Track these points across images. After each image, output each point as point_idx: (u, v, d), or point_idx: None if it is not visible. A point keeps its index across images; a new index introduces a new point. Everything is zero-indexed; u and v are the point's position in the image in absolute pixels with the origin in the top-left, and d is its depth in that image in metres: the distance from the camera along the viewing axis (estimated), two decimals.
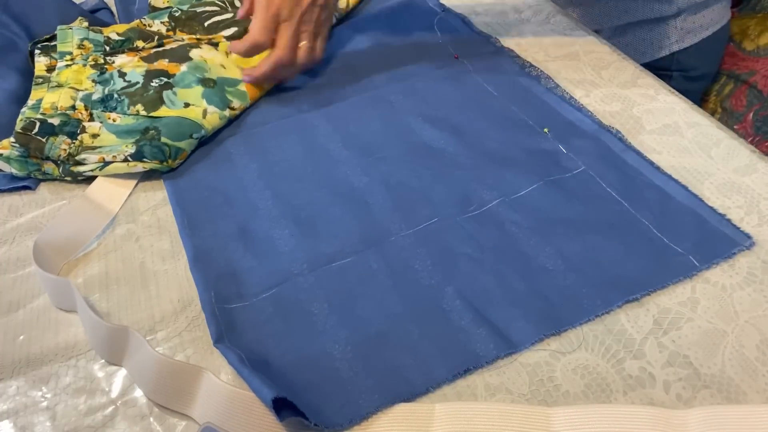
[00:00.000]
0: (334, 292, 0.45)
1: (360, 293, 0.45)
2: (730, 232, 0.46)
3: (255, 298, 0.45)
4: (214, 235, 0.50)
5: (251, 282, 0.46)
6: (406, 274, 0.46)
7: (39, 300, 0.48)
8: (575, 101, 0.60)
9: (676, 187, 0.49)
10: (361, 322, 0.43)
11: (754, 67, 0.91)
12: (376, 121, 0.60)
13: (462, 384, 0.39)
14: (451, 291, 0.44)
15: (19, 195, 0.57)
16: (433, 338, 0.41)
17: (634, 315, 0.42)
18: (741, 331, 0.40)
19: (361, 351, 0.41)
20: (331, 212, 0.51)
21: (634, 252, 0.45)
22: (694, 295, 0.42)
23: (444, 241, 0.48)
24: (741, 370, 0.38)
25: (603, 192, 0.50)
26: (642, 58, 0.86)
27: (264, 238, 0.50)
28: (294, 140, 0.59)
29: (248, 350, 0.41)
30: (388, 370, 0.40)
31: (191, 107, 0.59)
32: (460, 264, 0.46)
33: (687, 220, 0.47)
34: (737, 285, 0.43)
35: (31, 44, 0.66)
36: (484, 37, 0.71)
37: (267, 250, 0.49)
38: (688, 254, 0.44)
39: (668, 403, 0.37)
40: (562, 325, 0.41)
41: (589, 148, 0.54)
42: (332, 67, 0.69)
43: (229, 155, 0.58)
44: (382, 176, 0.54)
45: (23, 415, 0.40)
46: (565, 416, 0.36)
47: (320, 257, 0.47)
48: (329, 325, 0.43)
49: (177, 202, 0.54)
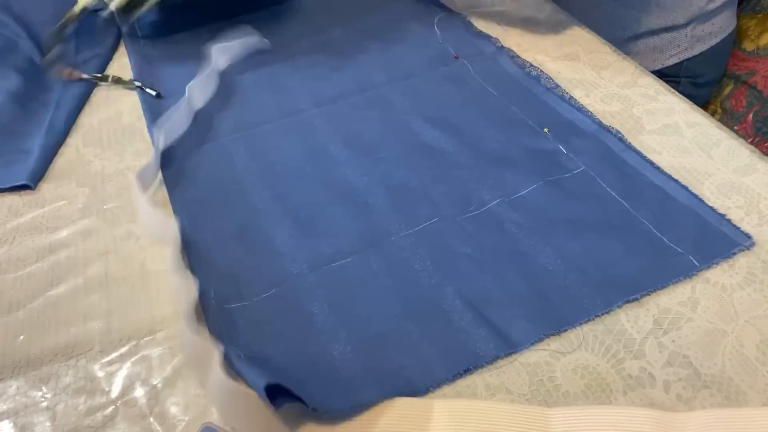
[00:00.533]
0: (333, 292, 0.45)
1: (360, 293, 0.45)
2: (729, 232, 0.46)
3: (255, 298, 0.45)
4: (214, 235, 0.50)
5: (251, 282, 0.46)
6: (405, 274, 0.46)
7: (39, 300, 0.48)
8: (575, 101, 0.60)
9: (676, 187, 0.49)
10: (361, 321, 0.43)
11: (754, 67, 0.91)
12: (377, 122, 0.60)
13: (462, 384, 0.39)
14: (451, 291, 0.44)
15: (19, 195, 0.57)
16: (433, 338, 0.41)
17: (634, 315, 0.42)
18: (741, 330, 0.40)
19: (360, 351, 0.41)
20: (331, 212, 0.51)
21: (634, 252, 0.45)
22: (694, 295, 0.42)
23: (444, 241, 0.48)
24: (741, 370, 0.38)
25: (603, 192, 0.50)
26: (652, 66, 0.86)
27: (264, 238, 0.50)
28: (294, 140, 0.59)
29: (248, 349, 0.41)
30: (388, 370, 0.40)
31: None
32: (460, 264, 0.46)
33: (687, 220, 0.47)
34: (737, 285, 0.43)
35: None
36: (484, 37, 0.71)
37: (267, 251, 0.49)
38: (688, 254, 0.44)
39: (668, 403, 0.37)
40: (562, 325, 0.41)
41: (589, 148, 0.54)
42: (332, 67, 0.69)
43: (229, 156, 0.58)
44: (382, 176, 0.54)
45: (23, 415, 0.40)
46: (563, 417, 0.36)
47: (320, 257, 0.47)
48: (329, 325, 0.43)
49: (177, 202, 0.54)
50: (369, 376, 0.40)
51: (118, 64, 0.74)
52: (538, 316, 0.42)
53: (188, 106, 0.62)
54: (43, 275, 0.49)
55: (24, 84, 0.66)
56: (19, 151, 0.61)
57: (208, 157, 0.58)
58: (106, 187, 0.57)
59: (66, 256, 0.51)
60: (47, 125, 0.63)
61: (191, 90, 0.63)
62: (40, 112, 0.65)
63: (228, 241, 0.50)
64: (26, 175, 0.58)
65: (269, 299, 0.45)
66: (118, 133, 0.63)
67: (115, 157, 0.60)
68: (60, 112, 0.65)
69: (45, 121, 0.64)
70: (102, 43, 0.75)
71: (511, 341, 0.41)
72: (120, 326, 0.45)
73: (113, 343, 0.44)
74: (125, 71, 0.73)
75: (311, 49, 0.72)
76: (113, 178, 0.58)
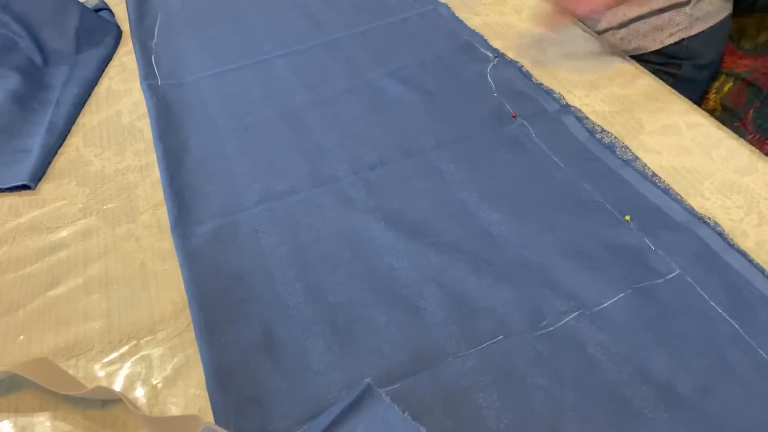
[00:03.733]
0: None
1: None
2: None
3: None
4: (236, 344, 0.42)
5: (279, 411, 0.38)
6: (467, 409, 0.37)
7: (39, 300, 0.48)
8: (659, 180, 0.50)
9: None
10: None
11: (752, 65, 0.91)
12: (425, 196, 0.51)
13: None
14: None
15: (19, 195, 0.57)
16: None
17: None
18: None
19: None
20: (374, 318, 0.42)
21: (754, 398, 0.35)
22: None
23: (512, 368, 0.39)
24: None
25: (706, 307, 0.41)
26: (653, 45, 0.88)
27: (294, 349, 0.41)
28: (330, 217, 0.50)
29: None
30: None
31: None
32: (534, 400, 0.37)
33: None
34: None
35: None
36: (545, 91, 0.60)
37: (298, 368, 0.40)
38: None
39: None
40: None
41: (682, 246, 0.45)
42: (371, 122, 0.59)
43: (254, 232, 0.49)
44: (434, 271, 0.45)
45: (23, 415, 0.40)
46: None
47: (362, 378, 0.37)
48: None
49: (192, 293, 0.45)
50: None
51: (118, 63, 0.74)
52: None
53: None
54: (43, 275, 0.49)
55: (24, 84, 0.66)
56: (19, 151, 0.61)
57: (230, 231, 0.50)
58: (106, 186, 0.57)
59: (66, 256, 0.51)
60: (47, 125, 0.63)
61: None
62: (40, 111, 0.65)
63: (252, 353, 0.41)
64: (26, 175, 0.58)
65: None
66: (118, 133, 0.63)
67: (115, 157, 0.60)
68: (60, 112, 0.65)
69: (45, 121, 0.64)
70: (102, 43, 0.75)
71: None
72: (120, 326, 0.45)
73: (113, 343, 0.44)
74: (125, 71, 0.73)
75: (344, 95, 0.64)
76: (113, 178, 0.58)
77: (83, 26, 0.74)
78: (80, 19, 0.74)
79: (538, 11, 0.62)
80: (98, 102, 0.68)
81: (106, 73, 0.73)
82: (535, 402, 0.37)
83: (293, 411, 0.38)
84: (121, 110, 0.66)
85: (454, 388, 0.38)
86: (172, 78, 0.69)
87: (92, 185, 0.57)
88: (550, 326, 0.41)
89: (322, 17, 0.77)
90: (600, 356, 0.39)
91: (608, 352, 0.39)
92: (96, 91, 0.70)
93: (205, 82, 0.68)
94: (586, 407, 0.36)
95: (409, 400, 0.37)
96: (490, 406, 0.37)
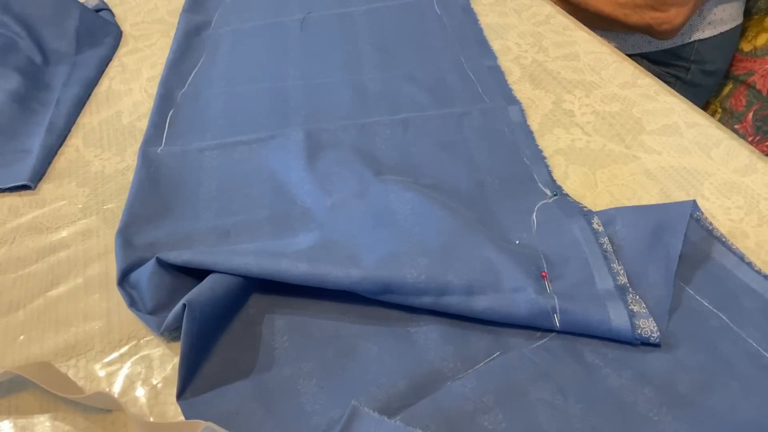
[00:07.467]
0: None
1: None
2: None
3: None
4: (223, 395, 0.39)
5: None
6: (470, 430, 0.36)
7: (39, 300, 0.47)
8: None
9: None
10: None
11: (752, 67, 0.92)
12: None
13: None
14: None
15: (19, 195, 0.57)
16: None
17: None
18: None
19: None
20: (369, 349, 0.40)
21: (751, 389, 0.35)
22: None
23: (513, 383, 0.38)
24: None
25: (693, 302, 0.41)
26: (663, 44, 0.89)
27: (286, 391, 0.39)
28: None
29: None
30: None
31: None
32: (540, 416, 0.36)
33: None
34: None
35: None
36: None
37: (292, 411, 0.38)
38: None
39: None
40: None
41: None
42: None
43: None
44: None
45: (23, 416, 0.40)
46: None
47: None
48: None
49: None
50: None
51: (118, 63, 0.74)
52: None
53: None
54: (43, 275, 0.49)
55: (24, 84, 0.66)
56: (19, 151, 0.61)
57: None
58: (106, 187, 0.57)
59: (66, 256, 0.51)
60: (47, 125, 0.63)
61: None
62: (40, 111, 0.66)
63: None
64: (26, 175, 0.58)
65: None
66: (118, 134, 0.63)
67: (115, 157, 0.60)
68: (60, 112, 0.65)
69: (45, 121, 0.64)
70: (102, 44, 0.75)
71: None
72: (120, 326, 0.45)
73: (113, 343, 0.44)
74: (125, 71, 0.73)
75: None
76: (113, 178, 0.58)
77: (83, 26, 0.74)
78: (80, 19, 0.74)
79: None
80: (98, 102, 0.68)
81: (106, 74, 0.73)
82: (542, 418, 0.36)
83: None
84: (122, 110, 0.66)
85: (457, 413, 0.36)
86: (176, 143, 0.59)
87: (92, 185, 0.57)
88: (545, 337, 0.40)
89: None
90: (598, 362, 0.38)
91: (605, 358, 0.38)
92: (96, 92, 0.70)
93: (209, 153, 0.58)
94: (593, 417, 0.35)
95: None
96: (496, 428, 0.36)
